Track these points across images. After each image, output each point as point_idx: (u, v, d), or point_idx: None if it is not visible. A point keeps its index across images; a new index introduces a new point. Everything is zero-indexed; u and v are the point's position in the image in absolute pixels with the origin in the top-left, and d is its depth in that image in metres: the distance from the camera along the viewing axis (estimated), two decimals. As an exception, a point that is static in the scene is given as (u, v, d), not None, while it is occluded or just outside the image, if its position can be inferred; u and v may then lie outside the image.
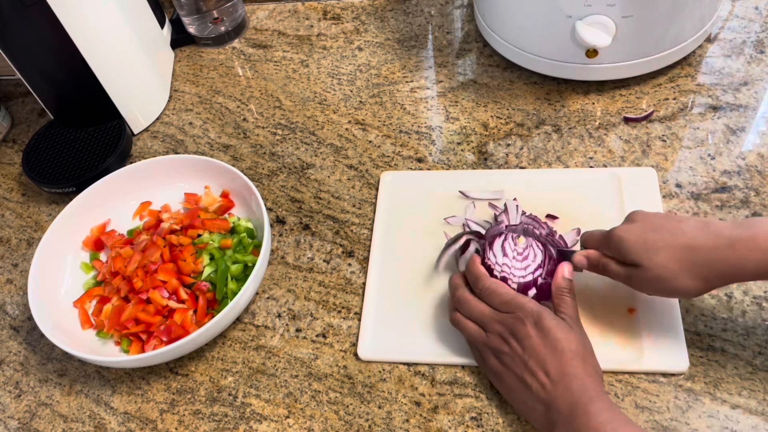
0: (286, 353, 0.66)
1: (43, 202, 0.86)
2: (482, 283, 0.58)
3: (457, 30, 0.92)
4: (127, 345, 0.66)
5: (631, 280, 0.55)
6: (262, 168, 0.82)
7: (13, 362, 0.71)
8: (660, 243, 0.52)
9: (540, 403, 0.52)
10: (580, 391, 0.50)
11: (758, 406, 0.55)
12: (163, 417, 0.64)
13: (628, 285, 0.56)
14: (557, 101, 0.80)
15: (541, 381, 0.52)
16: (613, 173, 0.70)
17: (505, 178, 0.73)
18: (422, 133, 0.81)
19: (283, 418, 0.62)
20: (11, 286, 0.78)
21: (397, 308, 0.65)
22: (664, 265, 0.52)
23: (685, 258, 0.51)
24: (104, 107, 0.85)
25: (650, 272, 0.53)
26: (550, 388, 0.52)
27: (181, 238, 0.71)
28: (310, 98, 0.88)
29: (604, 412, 0.49)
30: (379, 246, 0.70)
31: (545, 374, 0.52)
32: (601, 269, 0.57)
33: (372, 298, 0.67)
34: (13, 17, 0.76)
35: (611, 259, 0.56)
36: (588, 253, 0.58)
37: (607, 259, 0.56)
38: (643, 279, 0.54)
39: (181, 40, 1.00)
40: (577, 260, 0.58)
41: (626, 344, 0.59)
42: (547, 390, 0.52)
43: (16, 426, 0.66)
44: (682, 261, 0.51)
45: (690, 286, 0.52)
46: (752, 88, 0.76)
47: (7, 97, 1.01)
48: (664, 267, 0.52)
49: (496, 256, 0.59)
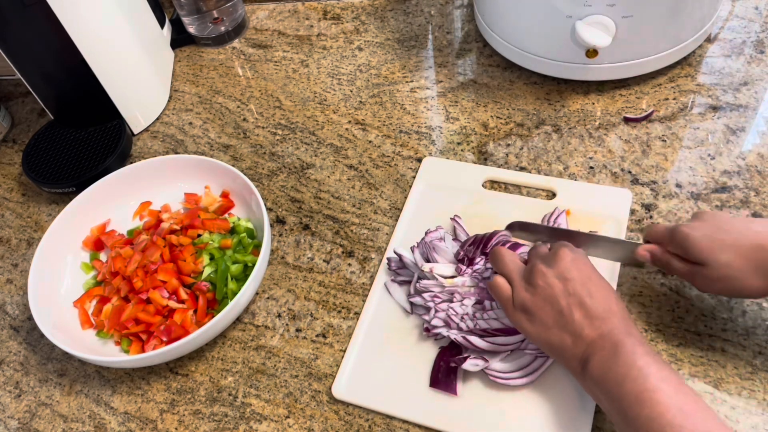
0: (286, 353, 0.66)
1: (43, 202, 0.86)
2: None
3: (457, 30, 0.92)
4: (127, 345, 0.66)
5: (694, 278, 0.54)
6: (262, 168, 0.82)
7: (13, 362, 0.71)
8: (728, 241, 0.51)
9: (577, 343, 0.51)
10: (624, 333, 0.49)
11: (758, 406, 0.55)
12: (163, 417, 0.64)
13: (690, 283, 0.55)
14: (557, 101, 0.80)
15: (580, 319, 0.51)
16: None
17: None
18: (422, 133, 0.81)
19: (283, 418, 0.62)
20: (11, 286, 0.78)
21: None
22: (729, 265, 0.51)
23: (753, 257, 0.50)
24: (104, 107, 0.85)
25: (716, 271, 0.52)
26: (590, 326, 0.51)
27: (181, 238, 0.71)
28: (310, 98, 0.88)
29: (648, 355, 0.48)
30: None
31: (588, 310, 0.51)
32: (664, 265, 0.57)
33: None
34: (13, 17, 0.76)
35: (674, 256, 0.55)
36: (651, 248, 0.57)
37: (670, 256, 0.56)
38: (707, 278, 0.53)
39: (181, 40, 1.00)
40: (641, 254, 0.58)
41: None
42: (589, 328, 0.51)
43: (16, 426, 0.66)
44: (749, 260, 0.50)
45: (757, 287, 0.51)
46: (752, 88, 0.76)
47: (7, 97, 1.01)
48: (730, 266, 0.51)
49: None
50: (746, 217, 0.54)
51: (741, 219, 0.54)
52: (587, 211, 0.68)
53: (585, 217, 0.67)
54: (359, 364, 0.63)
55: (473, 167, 0.75)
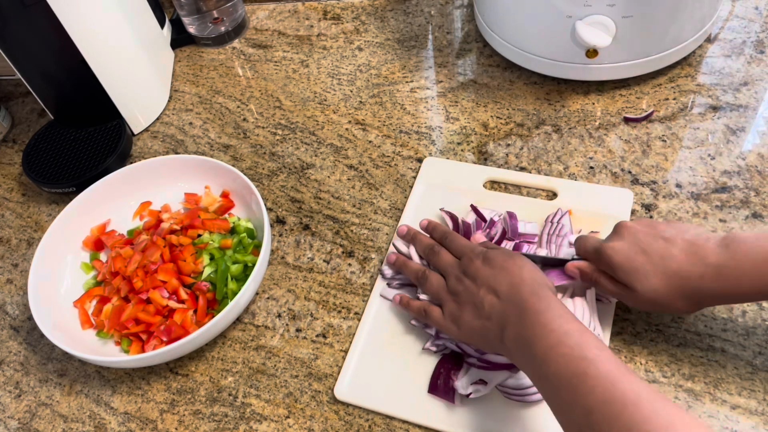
0: (286, 353, 0.66)
1: (43, 202, 0.86)
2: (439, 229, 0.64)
3: (457, 30, 0.92)
4: (127, 345, 0.66)
5: (624, 298, 0.55)
6: (262, 168, 0.82)
7: (13, 362, 0.71)
8: (650, 267, 0.52)
9: (492, 321, 0.53)
10: (529, 294, 0.51)
11: (758, 406, 0.55)
12: (163, 417, 0.64)
13: (620, 300, 0.56)
14: (557, 101, 0.80)
15: (491, 300, 0.53)
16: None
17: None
18: (422, 133, 0.81)
19: (283, 418, 0.62)
20: (11, 286, 0.78)
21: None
22: (656, 290, 0.52)
23: (676, 284, 0.51)
24: (104, 107, 0.85)
25: (643, 296, 0.53)
26: (499, 302, 0.53)
27: (181, 238, 0.71)
28: (310, 98, 0.88)
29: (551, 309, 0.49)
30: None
31: (495, 294, 0.53)
32: (593, 283, 0.58)
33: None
34: (13, 17, 0.76)
35: (603, 274, 0.56)
36: (580, 265, 0.58)
37: (599, 274, 0.56)
38: (636, 300, 0.54)
39: (181, 40, 1.00)
40: (570, 271, 0.59)
41: None
42: (498, 304, 0.53)
43: (16, 426, 0.66)
44: (673, 287, 0.52)
45: (684, 308, 0.53)
46: (752, 88, 0.76)
47: (7, 97, 1.01)
48: (657, 291, 0.52)
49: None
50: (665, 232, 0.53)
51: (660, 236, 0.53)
52: (589, 211, 0.68)
53: (587, 218, 0.67)
54: (361, 364, 0.63)
55: (473, 167, 0.75)
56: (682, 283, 0.51)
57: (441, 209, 0.70)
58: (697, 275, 0.51)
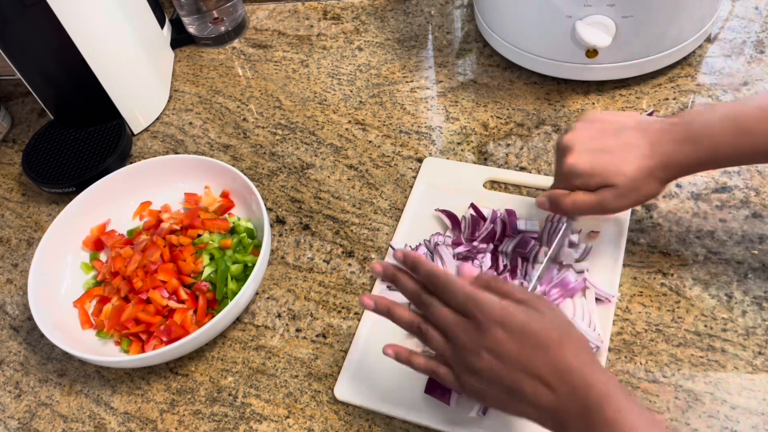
0: (286, 353, 0.66)
1: (43, 202, 0.86)
2: (422, 268, 0.51)
3: (457, 30, 0.92)
4: (127, 345, 0.66)
5: (603, 203, 0.56)
6: (262, 168, 0.82)
7: (13, 362, 0.71)
8: (618, 161, 0.55)
9: (541, 410, 0.46)
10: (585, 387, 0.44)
11: (758, 406, 0.55)
12: (163, 417, 0.64)
13: (597, 211, 0.57)
14: (557, 101, 0.80)
15: (535, 387, 0.46)
16: None
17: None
18: (422, 133, 0.81)
19: (283, 418, 0.62)
20: (11, 286, 0.78)
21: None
22: (633, 178, 0.55)
23: (646, 166, 0.55)
24: (104, 107, 0.85)
25: (624, 187, 0.55)
26: (549, 393, 0.45)
27: (181, 238, 0.71)
28: (310, 98, 0.88)
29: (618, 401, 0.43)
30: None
31: (537, 378, 0.46)
32: (569, 206, 0.58)
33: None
34: (13, 17, 0.76)
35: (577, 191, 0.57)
36: (549, 193, 0.59)
37: (574, 193, 0.58)
38: (618, 196, 0.56)
39: (181, 40, 1.00)
40: (540, 202, 0.60)
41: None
42: (547, 396, 0.46)
43: (16, 426, 0.66)
44: (644, 170, 0.55)
45: (656, 189, 0.56)
46: (752, 88, 0.76)
47: (7, 97, 1.01)
48: (634, 179, 0.55)
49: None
50: (602, 125, 0.58)
51: (606, 131, 0.57)
52: (587, 211, 0.68)
53: (587, 218, 0.67)
54: (361, 365, 0.63)
55: (473, 167, 0.75)
56: (652, 162, 0.55)
57: (436, 209, 0.70)
58: (661, 151, 0.55)
